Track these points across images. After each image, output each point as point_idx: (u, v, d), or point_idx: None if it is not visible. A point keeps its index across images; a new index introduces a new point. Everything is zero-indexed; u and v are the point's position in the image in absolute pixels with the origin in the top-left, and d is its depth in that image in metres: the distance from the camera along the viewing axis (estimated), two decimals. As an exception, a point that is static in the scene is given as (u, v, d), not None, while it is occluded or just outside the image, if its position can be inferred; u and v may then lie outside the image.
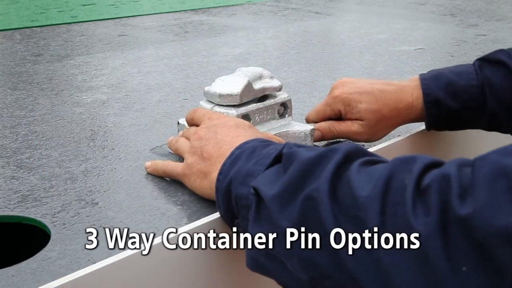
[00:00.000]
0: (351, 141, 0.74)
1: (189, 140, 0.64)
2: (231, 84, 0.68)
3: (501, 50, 0.71)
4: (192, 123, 0.67)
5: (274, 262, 0.47)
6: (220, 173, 0.54)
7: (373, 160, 0.45)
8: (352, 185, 0.41)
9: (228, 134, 0.59)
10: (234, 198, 0.51)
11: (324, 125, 0.74)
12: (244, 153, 0.54)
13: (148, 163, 0.67)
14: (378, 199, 0.39)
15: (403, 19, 1.76)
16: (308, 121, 0.76)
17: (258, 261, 0.49)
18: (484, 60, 0.72)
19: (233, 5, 2.04)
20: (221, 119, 0.63)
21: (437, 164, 0.40)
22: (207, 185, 0.58)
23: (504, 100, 0.69)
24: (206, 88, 0.70)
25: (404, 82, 0.74)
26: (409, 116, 0.73)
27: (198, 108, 0.69)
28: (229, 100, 0.68)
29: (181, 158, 0.66)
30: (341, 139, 0.75)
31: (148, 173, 0.67)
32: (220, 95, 0.68)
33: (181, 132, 0.69)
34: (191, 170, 0.60)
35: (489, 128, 0.75)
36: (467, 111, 0.71)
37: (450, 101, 0.70)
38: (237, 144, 0.56)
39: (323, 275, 0.43)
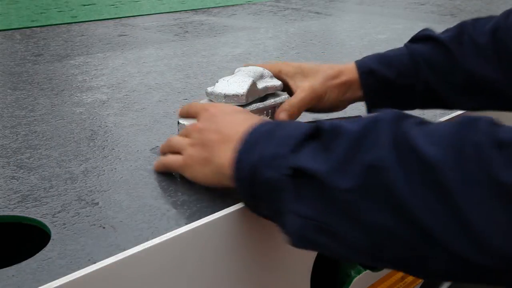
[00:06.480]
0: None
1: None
2: (236, 84, 0.68)
3: (426, 29, 0.75)
4: (188, 117, 0.67)
5: (325, 235, 0.46)
6: (238, 161, 0.52)
7: (423, 121, 0.45)
8: (420, 149, 0.41)
9: (228, 120, 0.59)
10: (263, 183, 0.50)
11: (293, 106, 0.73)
12: (261, 137, 0.52)
13: (155, 163, 0.67)
14: (453, 159, 0.40)
15: (403, 19, 1.76)
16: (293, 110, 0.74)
17: (306, 237, 0.48)
18: (412, 41, 0.75)
19: (233, 5, 2.04)
20: (217, 108, 0.63)
21: (497, 123, 0.42)
22: (209, 171, 0.57)
23: (434, 68, 0.72)
24: (210, 89, 0.69)
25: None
26: (352, 91, 0.75)
27: (192, 102, 0.69)
28: (235, 101, 0.67)
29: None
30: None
31: (150, 173, 0.67)
32: (226, 96, 0.67)
33: (180, 132, 0.69)
34: (192, 160, 0.59)
35: (427, 102, 0.76)
36: (402, 78, 0.73)
37: (384, 69, 0.73)
38: (240, 129, 0.55)
39: (390, 236, 0.42)
